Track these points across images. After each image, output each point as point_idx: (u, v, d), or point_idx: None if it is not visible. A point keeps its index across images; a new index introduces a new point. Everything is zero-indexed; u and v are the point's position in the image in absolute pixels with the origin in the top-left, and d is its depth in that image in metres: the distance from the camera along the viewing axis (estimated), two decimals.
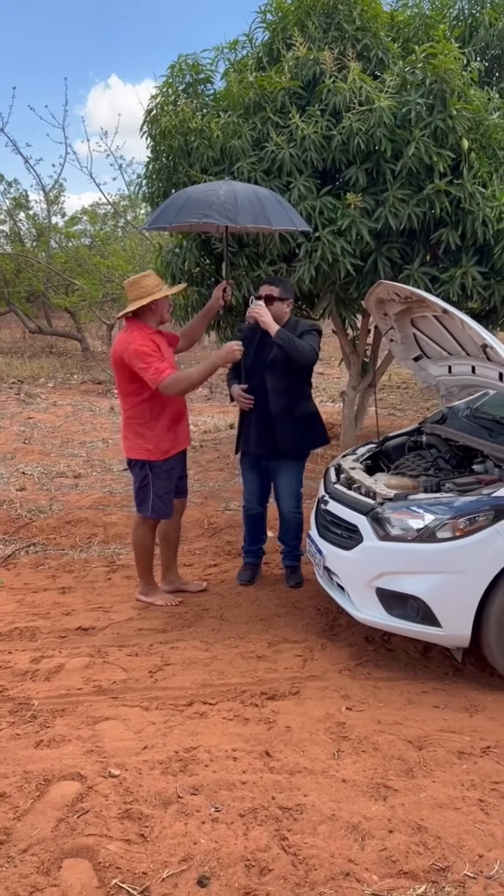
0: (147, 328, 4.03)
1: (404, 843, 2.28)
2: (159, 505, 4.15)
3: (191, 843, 2.29)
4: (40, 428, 9.38)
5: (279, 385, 4.21)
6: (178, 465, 4.24)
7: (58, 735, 2.93)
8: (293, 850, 2.26)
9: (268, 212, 3.97)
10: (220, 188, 4.07)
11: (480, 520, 3.19)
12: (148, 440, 4.06)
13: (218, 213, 3.86)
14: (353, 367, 7.27)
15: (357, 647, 3.73)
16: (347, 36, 5.54)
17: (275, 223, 3.98)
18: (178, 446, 4.19)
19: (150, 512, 4.16)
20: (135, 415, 4.06)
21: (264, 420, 4.24)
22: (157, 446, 4.07)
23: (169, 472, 4.14)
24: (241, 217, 3.89)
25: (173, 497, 4.25)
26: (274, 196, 4.23)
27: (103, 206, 17.65)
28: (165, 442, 4.08)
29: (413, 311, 4.08)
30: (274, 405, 4.22)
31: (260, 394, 4.21)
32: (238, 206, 3.89)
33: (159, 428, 4.06)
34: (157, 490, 4.13)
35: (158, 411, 4.04)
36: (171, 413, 4.10)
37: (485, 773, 2.66)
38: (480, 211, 5.24)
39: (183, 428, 4.24)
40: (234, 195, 3.96)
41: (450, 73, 4.99)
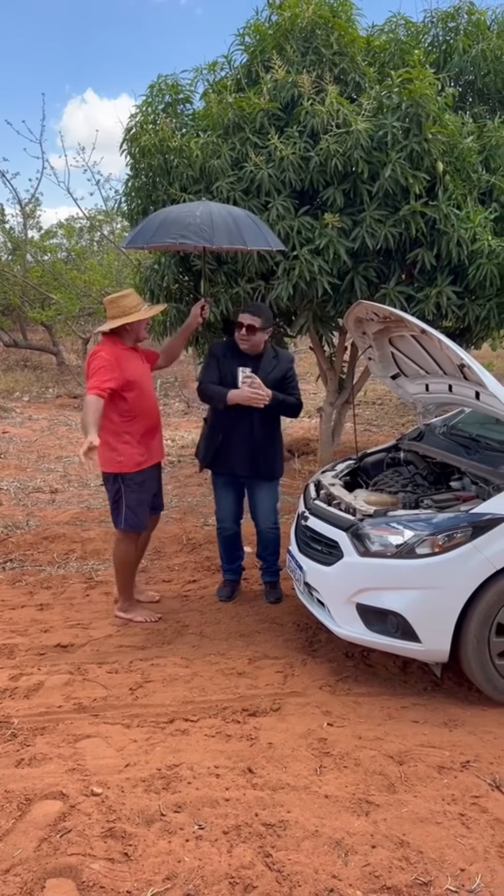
0: (120, 344, 4.11)
1: (387, 859, 2.30)
2: (132, 517, 4.17)
3: (175, 861, 2.29)
4: (16, 442, 9.32)
5: (265, 414, 4.23)
6: (150, 479, 4.26)
7: (38, 753, 2.91)
8: (277, 866, 2.27)
9: (243, 232, 4.06)
10: (197, 209, 4.16)
11: (458, 536, 3.24)
12: (119, 452, 4.09)
13: (195, 235, 3.95)
14: (330, 383, 7.34)
15: (337, 662, 3.76)
16: (325, 60, 5.64)
17: (250, 243, 4.09)
18: (150, 459, 4.21)
19: (124, 524, 4.19)
20: (109, 428, 4.08)
21: (247, 444, 4.25)
22: (129, 459, 4.10)
23: (142, 485, 4.16)
24: (218, 238, 3.99)
25: (147, 510, 4.26)
26: (249, 216, 4.32)
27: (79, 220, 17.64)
28: (137, 454, 4.11)
29: (391, 331, 4.15)
30: (259, 432, 4.26)
31: (245, 419, 4.22)
32: (214, 227, 3.99)
33: (131, 440, 4.10)
34: (130, 502, 4.15)
35: (130, 424, 4.08)
36: (143, 426, 4.13)
37: (465, 787, 2.70)
38: (455, 232, 5.34)
39: (156, 442, 4.27)
40: (210, 216, 4.05)
41: (425, 97, 5.09)
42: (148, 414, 4.15)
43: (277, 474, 4.44)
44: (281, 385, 4.25)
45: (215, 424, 4.33)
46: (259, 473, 4.32)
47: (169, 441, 9.24)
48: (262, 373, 4.17)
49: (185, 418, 11.28)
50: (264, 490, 4.42)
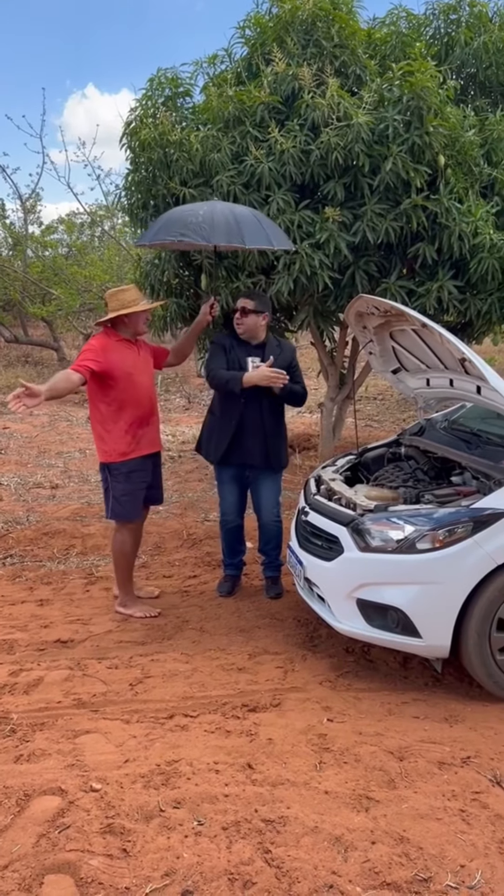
0: (114, 336, 4.16)
1: (387, 855, 2.29)
2: (118, 507, 4.20)
3: (174, 858, 2.28)
4: (16, 438, 9.31)
5: (274, 404, 4.32)
6: (141, 470, 4.24)
7: (37, 749, 2.90)
8: (276, 862, 2.26)
9: (243, 231, 4.06)
10: (201, 208, 4.23)
11: (459, 531, 3.22)
12: (105, 442, 4.14)
13: (193, 233, 4.00)
14: (331, 378, 7.33)
15: (337, 658, 3.75)
16: (326, 52, 5.61)
17: (249, 242, 4.09)
18: (138, 450, 4.20)
19: (111, 513, 4.24)
20: (95, 416, 4.17)
21: (259, 434, 4.28)
22: (114, 448, 4.13)
23: (128, 476, 4.17)
24: (216, 236, 4.01)
25: (138, 501, 4.27)
26: (255, 215, 4.29)
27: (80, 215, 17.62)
28: (122, 444, 4.13)
29: (392, 325, 4.12)
30: (269, 422, 4.31)
31: (256, 410, 4.26)
32: (213, 226, 4.01)
33: (116, 430, 4.12)
34: (116, 492, 4.17)
35: (116, 414, 4.11)
36: (131, 416, 4.14)
37: (465, 783, 2.68)
38: (456, 226, 5.33)
39: (146, 433, 4.24)
40: (211, 215, 4.08)
41: (426, 90, 5.07)
42: (137, 404, 4.15)
43: (284, 465, 4.49)
44: (287, 373, 4.26)
45: (226, 416, 4.30)
46: (269, 464, 4.36)
47: (169, 436, 9.23)
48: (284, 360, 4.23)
49: (185, 413, 11.26)
50: (269, 482, 4.44)
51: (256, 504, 4.52)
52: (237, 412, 4.25)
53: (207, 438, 4.47)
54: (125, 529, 4.28)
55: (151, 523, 5.80)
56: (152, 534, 5.64)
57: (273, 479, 4.46)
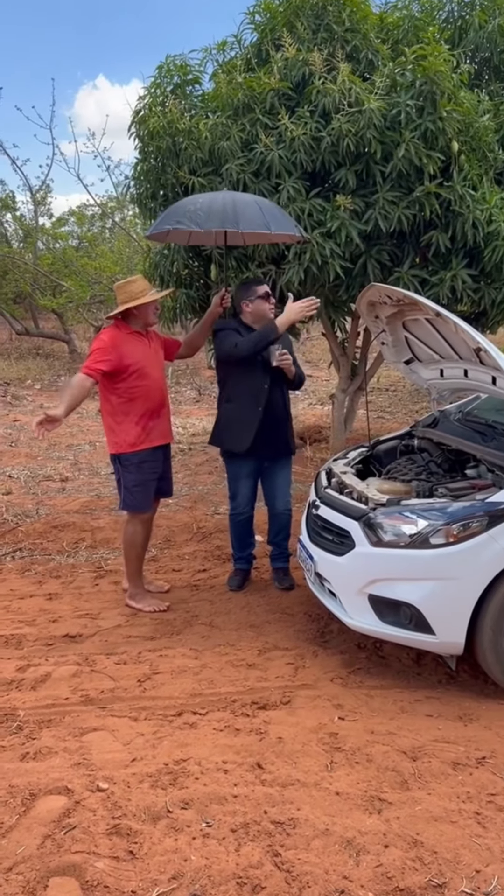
0: (125, 328, 4.14)
1: (400, 859, 2.23)
2: (129, 498, 4.18)
3: (181, 860, 2.23)
4: (27, 431, 9.28)
5: (285, 391, 4.38)
6: (152, 461, 4.21)
7: (44, 747, 2.86)
8: (286, 866, 2.20)
9: (238, 216, 3.99)
10: (202, 198, 4.20)
11: (474, 525, 3.14)
12: (116, 433, 4.13)
13: (189, 220, 3.97)
14: (342, 369, 7.23)
15: (349, 654, 3.68)
16: (337, 37, 5.50)
17: (242, 227, 4.02)
18: (149, 441, 4.17)
19: (122, 504, 4.24)
20: (105, 408, 4.16)
21: (281, 420, 4.31)
22: (124, 439, 4.11)
23: (139, 466, 4.14)
24: (209, 222, 3.97)
25: (150, 493, 4.24)
26: (257, 202, 4.19)
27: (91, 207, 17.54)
28: (132, 435, 4.11)
29: (405, 314, 4.04)
30: (283, 409, 4.35)
31: (278, 397, 4.29)
32: (210, 213, 3.97)
33: (127, 422, 4.10)
34: (127, 483, 4.16)
35: (127, 405, 4.09)
36: (143, 408, 4.11)
37: (480, 784, 2.62)
38: (470, 213, 5.21)
39: (157, 424, 4.21)
40: (210, 203, 4.04)
41: (440, 74, 4.95)
42: (149, 396, 4.12)
43: (294, 450, 4.50)
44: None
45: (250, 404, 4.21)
46: (288, 449, 4.40)
47: (180, 429, 9.18)
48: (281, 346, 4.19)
49: (196, 406, 11.20)
50: (284, 470, 4.45)
51: (270, 493, 4.48)
52: (262, 399, 4.19)
53: (227, 429, 4.34)
54: (136, 520, 4.25)
55: (161, 516, 5.75)
56: (162, 527, 5.59)
57: (288, 466, 4.48)
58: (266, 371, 4.17)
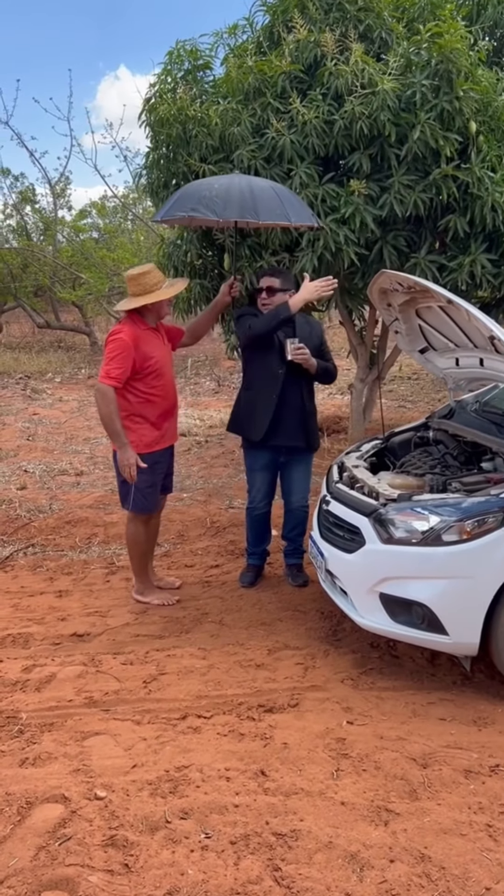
0: (142, 324, 4.00)
1: (406, 875, 2.13)
2: (141, 499, 4.08)
3: (178, 874, 2.15)
4: (45, 424, 9.26)
5: (309, 382, 4.28)
6: (162, 461, 4.14)
7: (44, 752, 2.79)
8: (286, 881, 2.11)
9: (258, 206, 3.85)
10: (216, 182, 4.04)
11: (489, 522, 3.02)
12: (132, 433, 3.98)
13: (205, 208, 3.82)
14: (360, 358, 7.09)
15: (361, 653, 3.58)
16: (349, 17, 5.33)
17: (263, 217, 3.87)
18: (163, 442, 4.10)
19: (132, 506, 4.11)
20: (123, 407, 3.98)
21: (297, 412, 4.20)
22: (140, 440, 3.99)
23: (152, 467, 4.05)
24: (229, 212, 3.82)
25: (158, 493, 4.17)
26: (274, 189, 4.07)
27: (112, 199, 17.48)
28: (149, 437, 4.01)
29: (417, 302, 3.90)
30: (307, 399, 4.26)
31: (295, 387, 4.17)
32: (228, 201, 3.82)
33: (145, 423, 4.00)
34: (140, 484, 4.03)
35: (144, 406, 3.98)
36: (159, 408, 4.02)
37: (493, 794, 2.50)
38: (489, 196, 5.04)
39: (170, 424, 4.15)
40: (227, 189, 3.88)
41: (456, 52, 4.77)
42: (164, 396, 4.05)
43: (317, 446, 4.40)
44: (319, 350, 4.22)
45: (265, 392, 4.15)
46: (308, 443, 4.30)
47: (198, 421, 9.10)
48: (301, 339, 4.09)
49: (215, 397, 11.10)
50: (303, 465, 4.37)
51: (287, 488, 4.40)
52: (277, 387, 4.12)
53: (245, 416, 4.29)
54: (139, 520, 4.17)
55: (174, 511, 5.68)
56: (175, 522, 5.51)
57: (307, 461, 4.38)
58: (282, 360, 4.08)
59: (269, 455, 4.29)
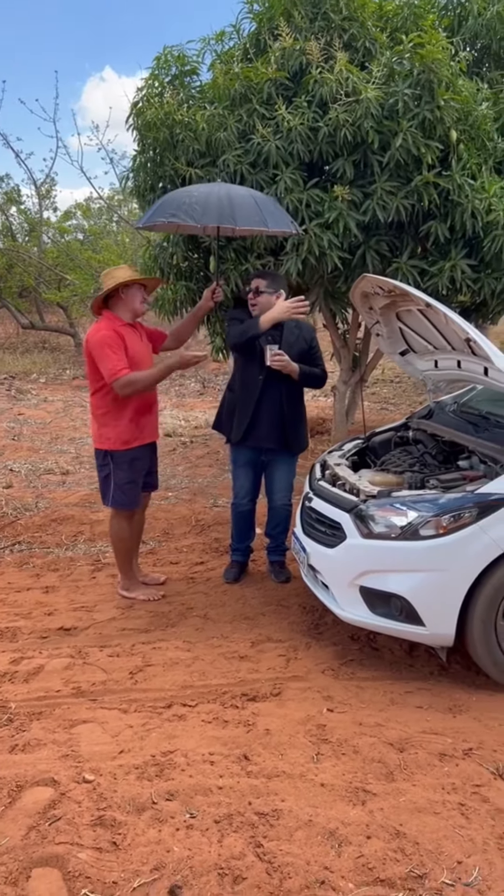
0: (117, 320, 4.06)
1: (381, 850, 2.23)
2: (120, 495, 4.15)
3: (164, 851, 2.23)
4: (30, 424, 9.31)
5: (293, 387, 4.28)
6: (143, 458, 4.21)
7: (33, 739, 2.87)
8: (268, 857, 2.20)
9: (235, 212, 3.94)
10: (197, 190, 4.16)
11: (464, 517, 3.13)
12: (110, 429, 4.07)
13: (185, 214, 3.93)
14: (343, 361, 7.22)
15: (342, 645, 3.68)
16: (334, 26, 5.46)
17: (240, 223, 3.97)
18: (141, 439, 4.16)
19: (112, 501, 4.18)
20: (100, 405, 4.08)
21: (277, 417, 4.24)
22: (118, 437, 4.07)
23: (131, 463, 4.12)
24: (207, 218, 3.93)
25: (139, 489, 4.24)
26: (253, 196, 4.16)
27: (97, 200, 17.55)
28: (126, 433, 4.08)
29: (398, 305, 4.01)
30: (288, 405, 4.26)
31: (275, 392, 4.22)
32: (206, 207, 3.93)
33: (122, 419, 4.07)
34: (118, 480, 4.12)
35: (123, 403, 4.05)
36: (136, 405, 4.08)
37: (466, 775, 2.61)
38: (469, 203, 5.18)
39: (148, 421, 4.21)
40: (206, 196, 4.00)
41: (437, 62, 4.91)
42: (142, 393, 4.09)
43: (303, 448, 4.45)
44: (308, 356, 4.26)
45: (245, 396, 4.25)
46: (287, 447, 4.33)
47: (182, 421, 9.18)
48: (286, 345, 4.16)
49: (199, 398, 11.20)
50: (284, 465, 4.42)
51: (269, 487, 4.49)
52: (256, 391, 4.21)
53: (227, 416, 4.41)
54: (122, 516, 4.25)
55: (159, 509, 5.77)
56: (160, 520, 5.60)
57: (288, 462, 4.43)
58: (262, 366, 4.15)
59: (251, 453, 4.38)
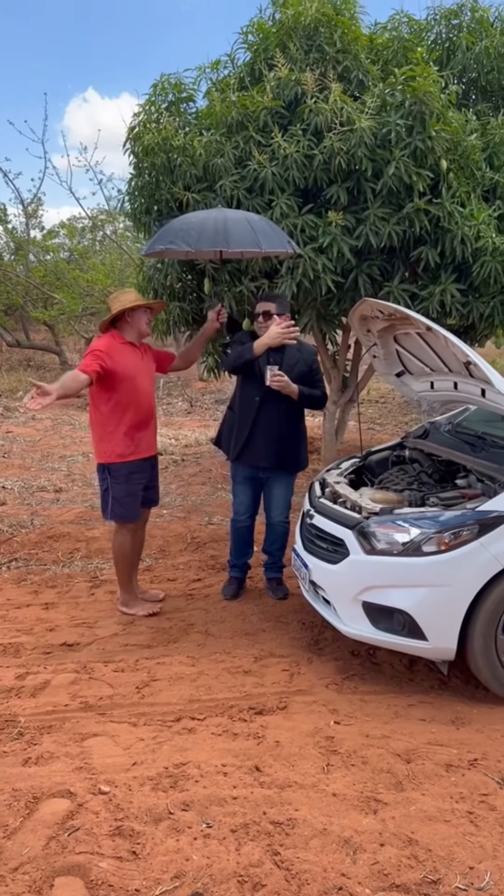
0: (119, 338, 4.21)
1: (396, 857, 2.29)
2: (118, 508, 4.24)
3: (183, 860, 2.29)
4: (19, 442, 9.32)
5: (291, 408, 4.35)
6: (140, 472, 4.29)
7: (45, 752, 2.91)
8: (286, 864, 2.27)
9: (229, 235, 4.06)
10: (195, 217, 4.29)
11: (465, 534, 3.23)
12: (105, 442, 4.20)
13: (181, 240, 4.05)
14: (333, 381, 7.33)
15: (343, 660, 3.76)
16: (328, 58, 5.63)
17: (232, 246, 4.08)
18: (137, 453, 4.25)
19: (110, 514, 4.29)
20: (97, 419, 4.21)
21: (275, 436, 4.32)
22: (113, 450, 4.18)
23: (128, 477, 4.21)
24: (201, 243, 4.05)
25: (138, 503, 4.31)
26: (248, 219, 4.26)
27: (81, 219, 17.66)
28: (121, 446, 4.18)
29: (396, 328, 4.14)
30: (285, 425, 4.34)
31: (272, 412, 4.30)
32: (202, 232, 4.05)
33: (118, 433, 4.17)
34: (116, 493, 4.22)
35: (119, 418, 4.16)
36: (131, 419, 4.19)
37: (473, 785, 2.69)
38: (459, 229, 5.34)
39: (145, 436, 4.30)
40: (203, 222, 4.13)
41: (429, 95, 5.08)
42: (137, 408, 4.20)
43: (302, 467, 4.53)
44: (308, 377, 4.34)
45: (244, 416, 4.34)
46: (283, 466, 4.40)
47: (172, 440, 9.24)
48: (287, 366, 4.24)
49: (188, 417, 11.27)
50: (281, 483, 4.49)
51: (267, 504, 4.57)
52: (253, 412, 4.30)
53: (227, 434, 4.51)
54: (125, 530, 4.33)
55: (155, 526, 5.82)
56: (156, 537, 5.65)
57: (286, 480, 4.51)
58: (261, 387, 4.23)
59: (249, 470, 4.46)
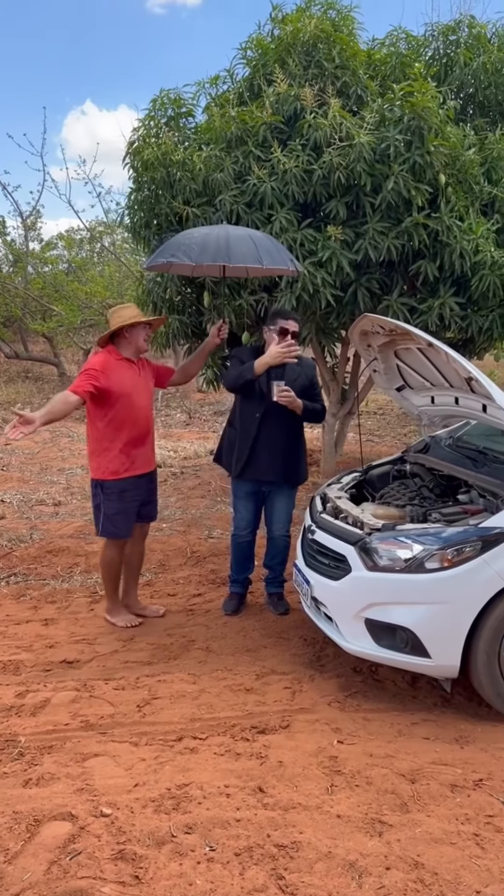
0: (115, 354, 4.19)
1: (402, 881, 2.27)
2: (109, 525, 4.22)
3: (186, 885, 2.26)
4: (18, 454, 9.30)
5: (292, 422, 4.34)
6: (134, 489, 4.26)
7: (46, 773, 2.88)
8: (290, 889, 2.24)
9: (231, 251, 4.07)
10: (198, 232, 4.30)
11: (468, 550, 3.22)
12: (101, 459, 4.18)
13: (183, 254, 4.08)
14: (332, 394, 7.34)
15: (345, 678, 3.73)
16: (327, 73, 5.68)
17: (233, 261, 4.09)
18: (132, 470, 4.23)
19: (101, 531, 4.27)
20: (94, 435, 4.20)
21: (277, 451, 4.31)
22: (107, 466, 4.17)
23: (120, 494, 4.19)
24: (203, 257, 4.06)
25: (130, 520, 4.29)
26: (251, 236, 4.25)
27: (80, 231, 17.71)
28: (116, 463, 4.17)
29: (397, 344, 4.14)
30: (287, 439, 4.33)
31: (273, 428, 4.28)
32: (204, 247, 4.06)
33: (113, 450, 4.16)
34: (107, 510, 4.20)
35: (112, 433, 4.15)
36: (127, 436, 4.17)
37: (478, 806, 2.66)
38: (457, 243, 5.37)
39: (141, 452, 4.28)
40: (205, 238, 4.14)
41: (427, 110, 5.12)
42: (134, 425, 4.18)
43: (302, 480, 4.51)
44: (308, 391, 4.34)
45: (244, 432, 4.32)
46: (286, 480, 4.40)
47: (171, 452, 9.23)
48: (288, 381, 4.22)
49: (186, 429, 11.26)
50: (283, 497, 4.47)
51: (268, 518, 4.55)
52: (254, 429, 4.28)
53: (228, 451, 4.48)
54: (114, 546, 4.33)
55: (155, 540, 5.80)
56: (156, 551, 5.62)
57: (288, 494, 4.49)
58: (261, 402, 4.23)
59: (251, 485, 4.44)
